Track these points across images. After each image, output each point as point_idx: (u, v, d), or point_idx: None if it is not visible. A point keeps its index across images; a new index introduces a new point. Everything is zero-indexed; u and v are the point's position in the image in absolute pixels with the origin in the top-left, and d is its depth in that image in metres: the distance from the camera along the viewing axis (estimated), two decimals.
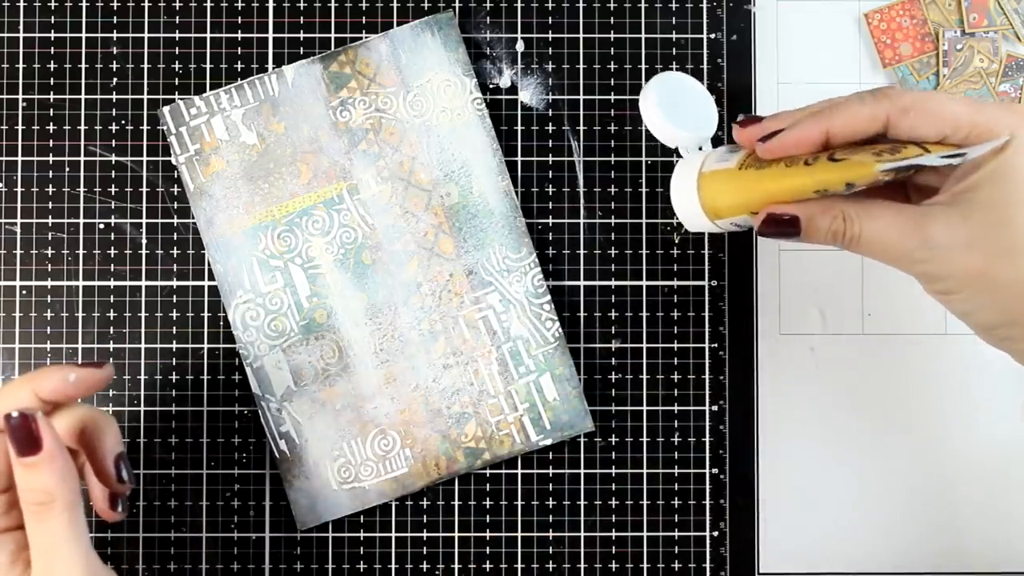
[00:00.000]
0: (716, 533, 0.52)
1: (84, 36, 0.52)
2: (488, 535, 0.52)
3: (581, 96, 0.53)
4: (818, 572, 0.52)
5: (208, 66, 0.52)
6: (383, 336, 0.51)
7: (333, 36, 0.53)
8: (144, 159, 0.52)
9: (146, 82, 0.52)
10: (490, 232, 0.51)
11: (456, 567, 0.52)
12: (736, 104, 0.53)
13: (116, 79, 0.52)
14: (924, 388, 0.53)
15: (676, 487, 0.52)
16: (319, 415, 0.51)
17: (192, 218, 0.52)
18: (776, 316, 0.53)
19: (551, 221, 0.52)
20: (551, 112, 0.53)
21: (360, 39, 0.52)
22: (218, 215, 0.51)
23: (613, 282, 0.52)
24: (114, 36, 0.52)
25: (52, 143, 0.52)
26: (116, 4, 0.53)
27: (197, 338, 0.52)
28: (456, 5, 0.53)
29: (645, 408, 0.52)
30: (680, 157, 0.43)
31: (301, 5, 0.53)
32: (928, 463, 0.52)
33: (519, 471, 0.52)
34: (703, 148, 0.47)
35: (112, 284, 0.52)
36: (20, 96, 0.52)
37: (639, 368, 0.52)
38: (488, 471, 0.52)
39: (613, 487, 0.52)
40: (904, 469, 0.52)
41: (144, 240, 0.52)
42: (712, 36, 0.53)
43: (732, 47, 0.53)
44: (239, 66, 0.52)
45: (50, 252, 0.52)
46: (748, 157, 0.42)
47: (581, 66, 0.53)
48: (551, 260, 0.52)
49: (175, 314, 0.52)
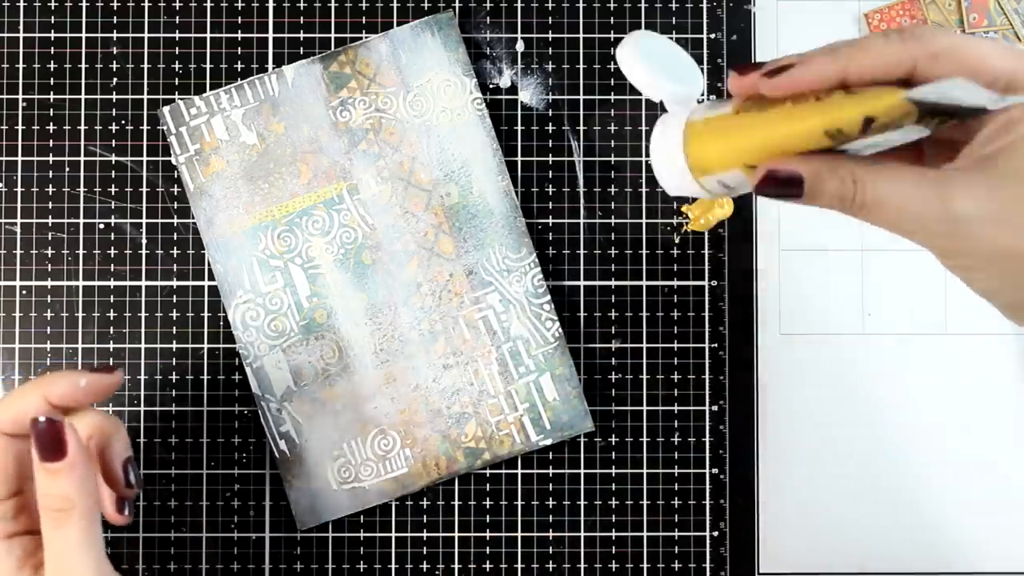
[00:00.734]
0: (716, 533, 0.52)
1: (84, 36, 0.52)
2: (488, 535, 0.52)
3: (581, 96, 0.53)
4: (818, 572, 0.52)
5: (208, 66, 0.52)
6: (383, 336, 0.51)
7: (333, 36, 0.53)
8: (144, 159, 0.52)
9: (146, 82, 0.52)
10: (490, 232, 0.51)
11: (456, 567, 0.52)
12: None
13: (116, 79, 0.52)
14: (924, 388, 0.53)
15: (676, 487, 0.52)
16: (319, 415, 0.51)
17: (192, 218, 0.52)
18: (776, 316, 0.53)
19: (551, 221, 0.52)
20: (551, 112, 0.53)
21: (360, 39, 0.52)
22: (218, 215, 0.51)
23: (613, 282, 0.52)
24: (114, 36, 0.52)
25: (52, 143, 0.52)
26: (116, 4, 0.53)
27: (197, 338, 0.52)
28: (456, 5, 0.53)
29: (645, 408, 0.52)
30: (665, 111, 0.39)
31: (301, 5, 0.53)
32: (928, 463, 0.52)
33: (519, 471, 0.52)
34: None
35: (112, 284, 0.52)
36: (20, 96, 0.52)
37: (639, 368, 0.52)
38: (488, 471, 0.52)
39: (613, 487, 0.52)
40: (904, 469, 0.52)
41: (144, 240, 0.52)
42: (712, 36, 0.53)
43: (732, 47, 0.53)
44: (239, 66, 0.52)
45: (50, 252, 0.52)
46: (746, 102, 0.36)
47: (581, 66, 0.53)
48: (551, 260, 0.52)
49: (175, 314, 0.52)
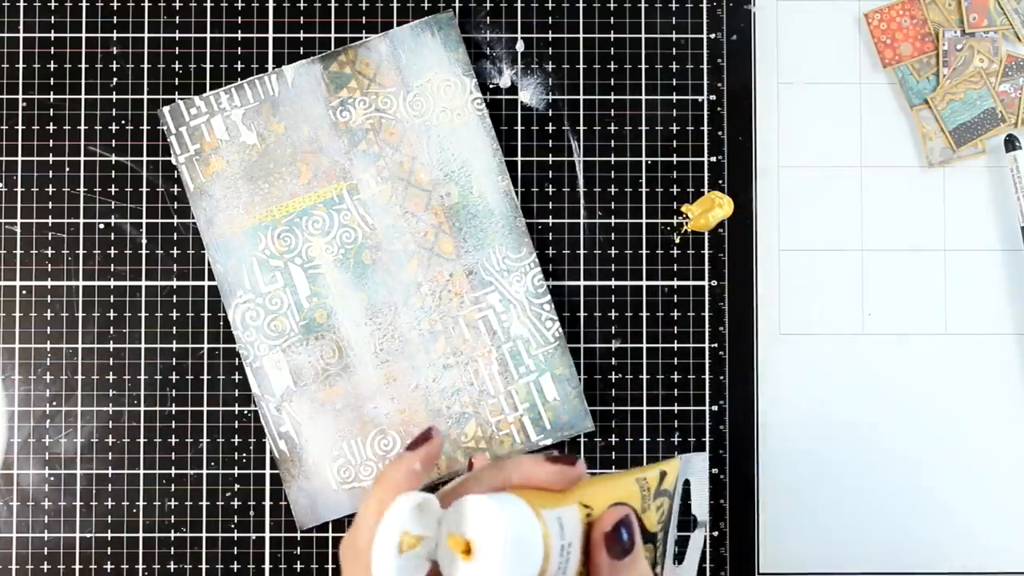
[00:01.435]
0: (716, 533, 0.52)
1: (84, 36, 0.52)
2: None
3: (581, 96, 0.53)
4: (818, 572, 0.52)
5: (208, 66, 0.52)
6: (383, 336, 0.51)
7: (333, 36, 0.53)
8: (144, 159, 0.52)
9: (146, 82, 0.52)
10: (490, 232, 0.51)
11: None
12: (736, 104, 0.53)
13: (116, 79, 0.52)
14: (924, 388, 0.53)
15: None
16: (319, 415, 0.51)
17: (192, 218, 0.52)
18: (776, 316, 0.53)
19: (551, 221, 0.52)
20: (551, 112, 0.53)
21: (360, 39, 0.52)
22: (218, 215, 0.51)
23: (613, 282, 0.52)
24: (114, 36, 0.52)
25: (52, 143, 0.52)
26: (116, 4, 0.53)
27: (197, 338, 0.52)
28: (456, 5, 0.53)
29: (645, 408, 0.52)
30: None
31: (301, 5, 0.53)
32: (928, 463, 0.52)
33: None
34: None
35: (112, 284, 0.52)
36: (20, 96, 0.52)
37: (639, 368, 0.52)
38: None
39: None
40: (904, 469, 0.52)
41: (144, 240, 0.52)
42: (712, 36, 0.53)
43: (732, 47, 0.53)
44: (239, 66, 0.52)
45: (50, 252, 0.52)
46: None
47: (581, 66, 0.53)
48: (551, 260, 0.52)
49: (175, 314, 0.52)
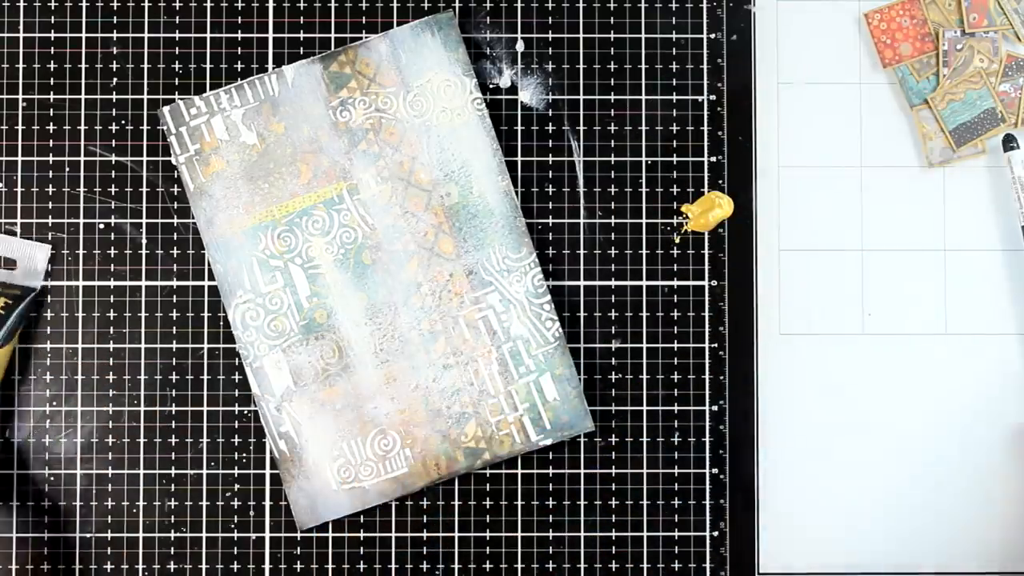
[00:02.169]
0: (716, 533, 0.52)
1: (84, 36, 0.52)
2: (488, 535, 0.52)
3: (581, 96, 0.53)
4: (818, 572, 0.52)
5: (208, 66, 0.52)
6: (383, 336, 0.51)
7: (333, 36, 0.53)
8: (144, 159, 0.52)
9: (146, 82, 0.52)
10: (490, 232, 0.51)
11: (456, 567, 0.52)
12: (736, 104, 0.53)
13: (116, 79, 0.52)
14: (924, 388, 0.53)
15: (676, 487, 0.52)
16: (319, 415, 0.51)
17: (192, 218, 0.52)
18: (776, 316, 0.53)
19: (551, 221, 0.52)
20: (551, 112, 0.53)
21: (360, 39, 0.52)
22: (218, 215, 0.51)
23: (613, 282, 0.52)
24: (114, 36, 0.52)
25: (52, 143, 0.52)
26: (116, 4, 0.53)
27: (197, 338, 0.52)
28: (456, 5, 0.53)
29: (645, 408, 0.52)
30: None
31: (301, 5, 0.53)
32: (927, 463, 0.52)
33: (519, 471, 0.52)
34: None
35: (112, 284, 0.52)
36: (20, 96, 0.52)
37: (639, 368, 0.52)
38: (488, 471, 0.52)
39: (613, 487, 0.52)
40: (903, 469, 0.52)
41: (144, 240, 0.52)
42: (712, 36, 0.53)
43: (732, 47, 0.53)
44: (239, 66, 0.52)
45: (50, 252, 0.52)
46: None
47: (581, 66, 0.53)
48: (551, 260, 0.52)
49: (175, 314, 0.52)
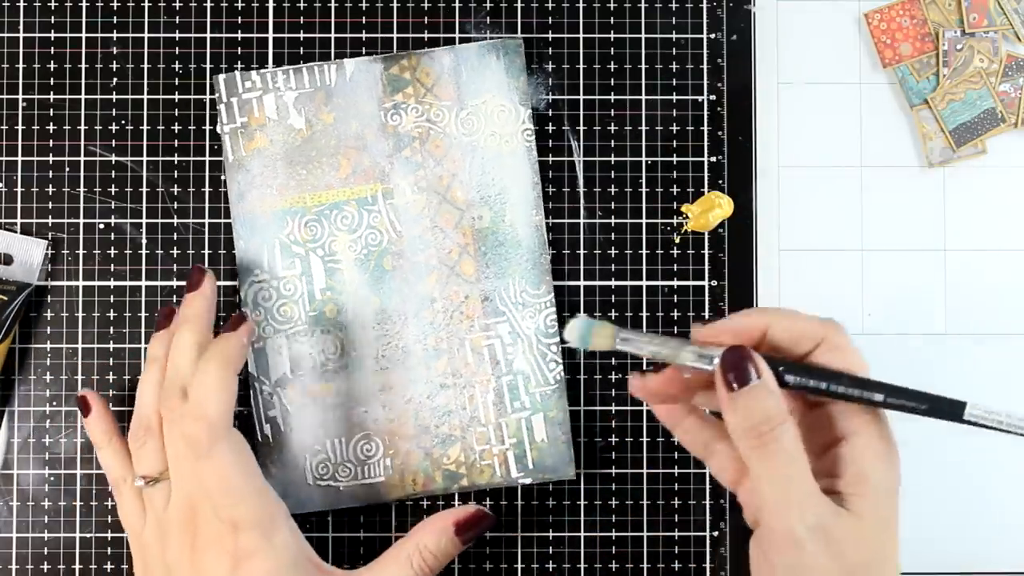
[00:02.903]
0: (716, 533, 0.52)
1: (84, 36, 0.52)
2: (488, 535, 0.52)
3: (581, 96, 0.53)
4: None
5: (208, 66, 0.52)
6: (387, 343, 0.51)
7: (333, 36, 0.53)
8: (144, 159, 0.52)
9: (146, 82, 0.52)
10: (513, 263, 0.51)
11: (456, 567, 0.52)
12: (736, 103, 0.53)
13: (116, 79, 0.52)
14: (924, 388, 0.53)
15: (676, 487, 0.52)
16: (309, 407, 0.51)
17: (192, 217, 0.52)
18: None
19: (551, 221, 0.52)
20: (551, 112, 0.53)
21: (422, 43, 0.52)
22: (251, 191, 0.51)
23: (613, 282, 0.52)
24: (114, 36, 0.52)
25: (52, 143, 0.52)
26: (116, 4, 0.53)
27: None
28: (518, 36, 0.53)
29: (645, 408, 0.52)
30: None
31: (301, 5, 0.53)
32: (926, 463, 0.52)
33: None
34: None
35: (112, 284, 0.52)
36: (20, 96, 0.52)
37: (639, 367, 0.52)
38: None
39: (613, 487, 0.52)
40: (903, 468, 0.52)
41: (144, 240, 0.52)
42: (712, 36, 0.53)
43: (732, 47, 0.53)
44: (239, 65, 0.52)
45: (50, 252, 0.52)
46: None
47: (581, 66, 0.53)
48: (551, 260, 0.52)
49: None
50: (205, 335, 0.46)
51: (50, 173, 0.52)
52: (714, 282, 0.52)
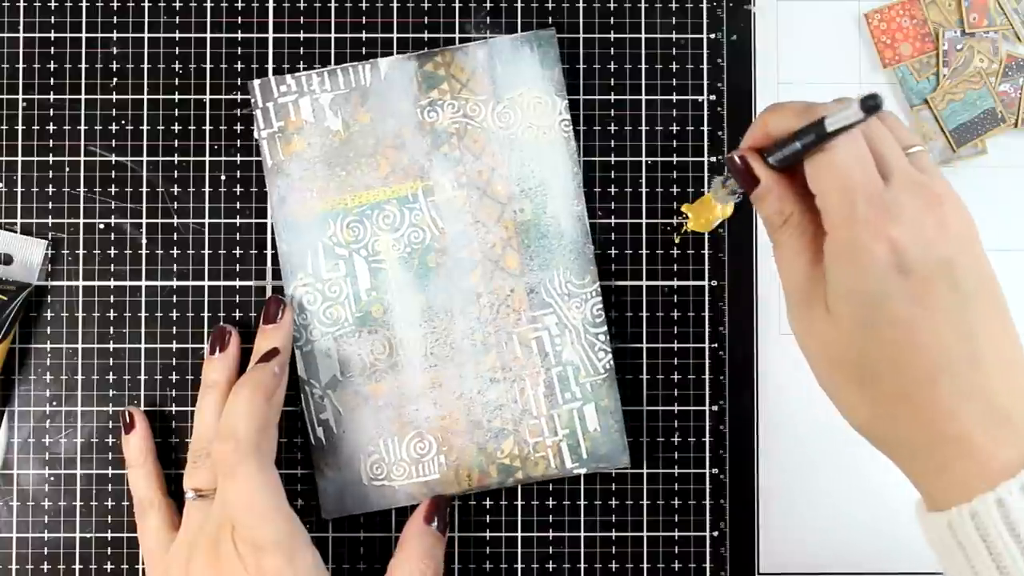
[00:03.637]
0: (716, 533, 0.52)
1: (84, 36, 0.52)
2: (488, 535, 0.52)
3: (581, 96, 0.53)
4: (818, 572, 0.52)
5: (208, 66, 0.52)
6: (436, 340, 0.51)
7: (333, 36, 0.53)
8: (144, 159, 0.52)
9: (146, 82, 0.52)
10: (557, 254, 0.51)
11: (456, 567, 0.52)
12: (736, 103, 0.53)
13: (116, 79, 0.52)
14: None
15: (676, 487, 0.52)
16: (360, 408, 0.51)
17: (192, 217, 0.52)
18: (776, 316, 0.53)
19: None
20: None
21: (452, 40, 0.52)
22: (291, 195, 0.51)
23: (613, 282, 0.52)
24: (114, 36, 0.52)
25: (52, 143, 0.52)
26: (116, 4, 0.53)
27: (197, 338, 0.52)
28: (550, 25, 0.53)
29: (645, 408, 0.52)
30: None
31: (301, 5, 0.53)
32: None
33: None
34: None
35: (112, 284, 0.52)
36: (20, 96, 0.52)
37: (639, 368, 0.52)
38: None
39: (613, 487, 0.52)
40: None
41: (144, 240, 0.52)
42: (712, 36, 0.53)
43: (732, 47, 0.53)
44: (239, 66, 0.52)
45: (50, 252, 0.52)
46: None
47: (581, 66, 0.53)
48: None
49: (175, 314, 0.52)
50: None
51: (50, 173, 0.52)
52: (714, 282, 0.53)
